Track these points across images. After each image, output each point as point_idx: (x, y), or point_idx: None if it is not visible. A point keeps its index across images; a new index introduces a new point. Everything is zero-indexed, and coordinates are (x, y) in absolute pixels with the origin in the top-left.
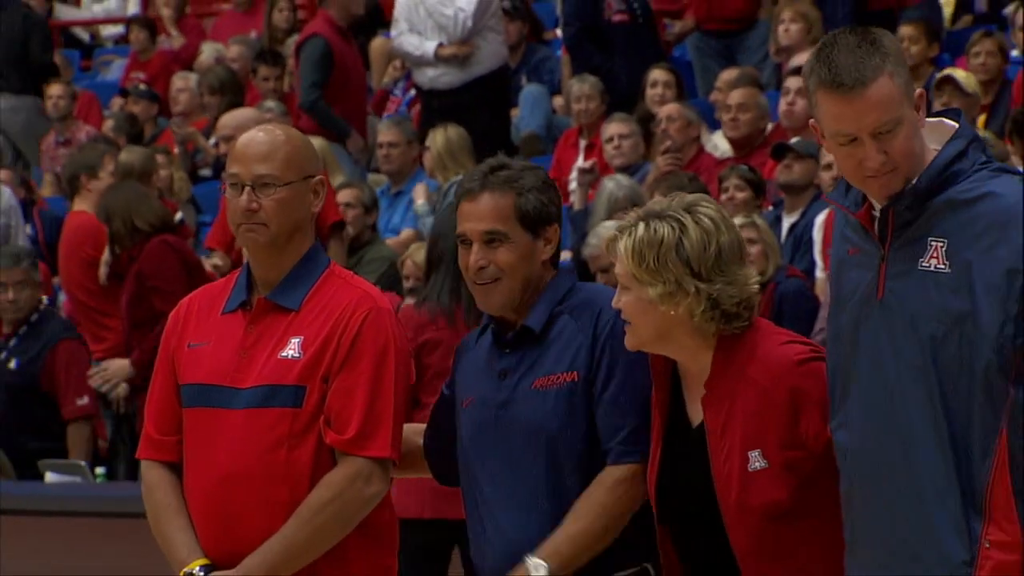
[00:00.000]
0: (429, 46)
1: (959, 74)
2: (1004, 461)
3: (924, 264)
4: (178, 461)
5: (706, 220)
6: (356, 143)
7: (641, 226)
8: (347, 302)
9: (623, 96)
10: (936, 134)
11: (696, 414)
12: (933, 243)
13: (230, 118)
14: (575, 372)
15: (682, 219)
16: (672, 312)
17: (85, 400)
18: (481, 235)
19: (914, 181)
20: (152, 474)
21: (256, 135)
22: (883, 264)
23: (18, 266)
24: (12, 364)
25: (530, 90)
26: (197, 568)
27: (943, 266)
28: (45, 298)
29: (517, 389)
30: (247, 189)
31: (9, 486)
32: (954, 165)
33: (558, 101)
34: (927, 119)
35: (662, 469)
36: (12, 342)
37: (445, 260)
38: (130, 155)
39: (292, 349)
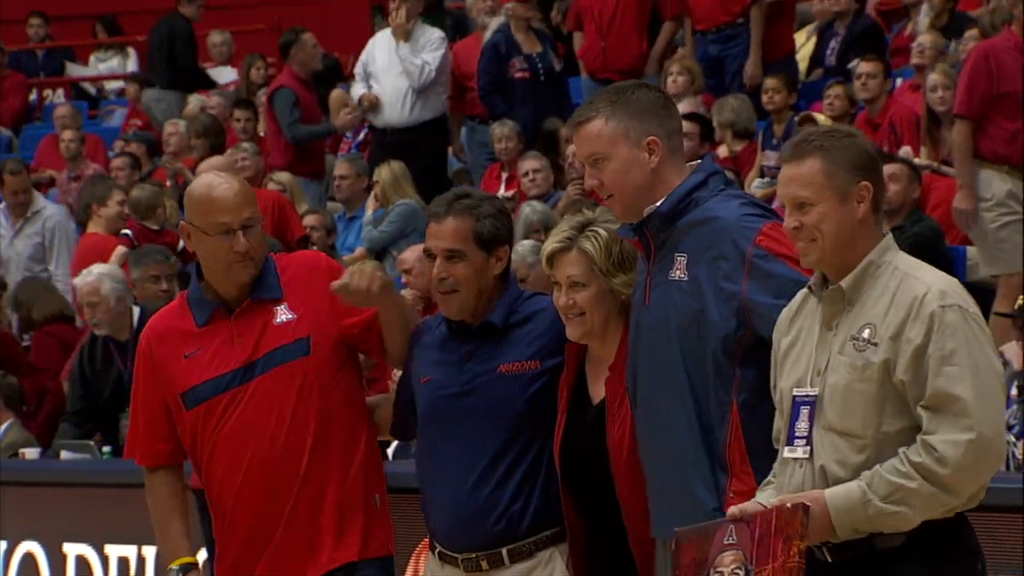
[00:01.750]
0: (357, 90)
1: (818, 116)
2: (737, 426)
3: (672, 275)
4: (177, 462)
5: None
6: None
7: (600, 229)
8: (308, 265)
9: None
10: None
11: (597, 393)
12: (678, 258)
13: (207, 165)
14: (537, 361)
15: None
16: (621, 300)
17: None
18: (443, 251)
19: (658, 205)
20: (152, 480)
21: (220, 185)
22: (649, 277)
23: (167, 261)
24: None
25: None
26: (177, 566)
27: (684, 276)
28: None
29: (483, 373)
30: (239, 232)
31: (32, 462)
32: (693, 193)
33: None
34: (694, 162)
35: (565, 439)
36: None
37: None
38: (141, 192)
39: (283, 314)
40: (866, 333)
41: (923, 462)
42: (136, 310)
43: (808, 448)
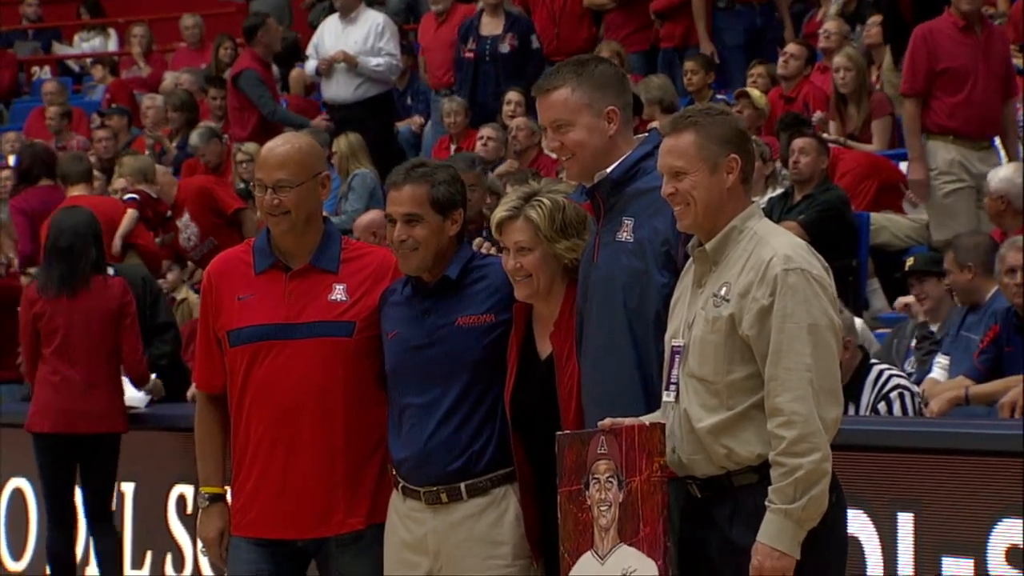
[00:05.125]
0: (310, 66)
1: (753, 92)
2: None
3: (619, 237)
4: (221, 392)
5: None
6: (320, 124)
7: (544, 199)
8: (380, 263)
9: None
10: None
11: (545, 349)
12: (625, 221)
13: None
14: (492, 315)
15: (564, 192)
16: (563, 263)
17: None
18: (402, 216)
19: (609, 172)
20: (202, 405)
21: (275, 146)
22: (598, 237)
23: (472, 170)
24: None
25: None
26: (207, 493)
27: (630, 238)
28: None
29: (442, 326)
30: (269, 189)
31: (15, 405)
32: (640, 163)
33: None
34: (644, 134)
35: (516, 391)
36: None
37: (57, 252)
38: (137, 160)
39: (339, 294)
40: (723, 291)
41: (782, 445)
42: (110, 271)
43: (676, 392)
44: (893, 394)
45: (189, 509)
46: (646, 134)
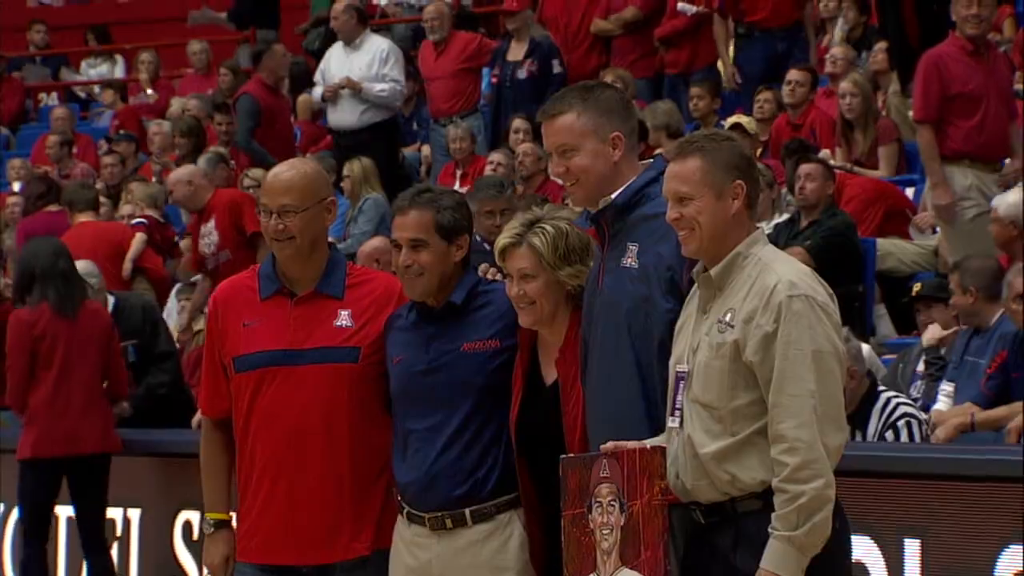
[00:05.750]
0: (317, 92)
1: (743, 119)
2: None
3: (623, 263)
4: (227, 418)
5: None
6: None
7: (547, 226)
8: (385, 288)
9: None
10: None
11: (550, 375)
12: (630, 247)
13: (173, 175)
14: (497, 340)
15: (567, 219)
16: (567, 289)
17: None
18: (408, 241)
19: (614, 197)
20: (208, 430)
21: (280, 172)
22: (603, 263)
23: (502, 195)
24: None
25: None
26: (212, 519)
27: (634, 264)
28: None
29: (448, 352)
30: (273, 214)
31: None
32: (645, 189)
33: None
34: (649, 160)
35: (521, 415)
36: None
37: (50, 276)
38: (148, 187)
39: (345, 320)
40: (727, 317)
41: (786, 472)
42: (111, 299)
43: (681, 418)
44: (900, 422)
45: (195, 535)
46: (651, 160)
